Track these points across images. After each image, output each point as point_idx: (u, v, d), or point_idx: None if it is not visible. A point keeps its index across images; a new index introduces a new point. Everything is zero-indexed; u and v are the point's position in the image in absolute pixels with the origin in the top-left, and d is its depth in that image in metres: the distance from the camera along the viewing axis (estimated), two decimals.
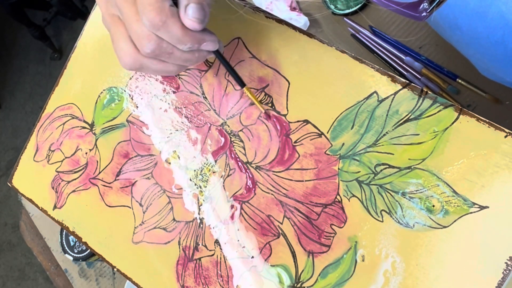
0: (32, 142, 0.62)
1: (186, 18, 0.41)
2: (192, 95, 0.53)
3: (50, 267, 0.74)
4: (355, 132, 0.45)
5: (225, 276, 0.49)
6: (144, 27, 0.41)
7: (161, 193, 0.53)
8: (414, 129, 0.43)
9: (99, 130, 0.57)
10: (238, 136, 0.50)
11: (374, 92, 0.45)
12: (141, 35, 0.41)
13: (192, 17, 0.41)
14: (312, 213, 0.46)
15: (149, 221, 0.53)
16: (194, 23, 0.41)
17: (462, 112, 0.41)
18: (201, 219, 0.51)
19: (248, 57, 0.50)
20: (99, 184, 0.56)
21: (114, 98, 0.57)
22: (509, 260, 0.38)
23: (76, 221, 0.57)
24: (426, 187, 0.42)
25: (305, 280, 0.45)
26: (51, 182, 0.59)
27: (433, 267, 0.41)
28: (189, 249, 0.51)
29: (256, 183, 0.48)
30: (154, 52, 0.42)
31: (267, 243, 0.47)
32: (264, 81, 0.49)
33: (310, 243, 0.45)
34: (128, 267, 0.53)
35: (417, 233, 0.42)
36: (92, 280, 0.72)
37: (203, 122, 0.52)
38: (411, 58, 0.62)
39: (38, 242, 0.76)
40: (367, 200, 0.44)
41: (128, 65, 0.43)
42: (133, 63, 0.43)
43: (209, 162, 0.51)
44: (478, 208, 0.40)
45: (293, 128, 0.48)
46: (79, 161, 0.58)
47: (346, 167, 0.45)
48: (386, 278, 0.42)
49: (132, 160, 0.55)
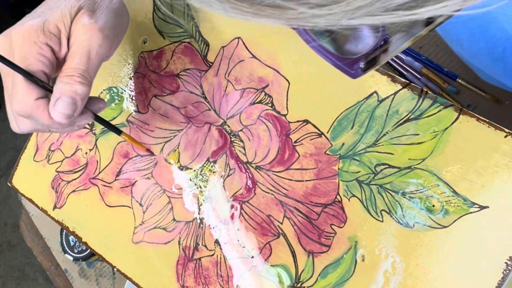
0: (32, 142, 0.62)
1: (53, 111, 0.41)
2: (192, 95, 0.53)
3: (50, 267, 0.74)
4: (355, 132, 0.45)
5: (225, 276, 0.49)
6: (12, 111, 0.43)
7: (161, 193, 0.53)
8: (414, 129, 0.43)
9: (99, 130, 0.57)
10: (238, 136, 0.50)
11: (374, 92, 0.45)
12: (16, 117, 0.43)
13: (59, 112, 0.41)
14: (312, 213, 0.46)
15: (149, 221, 0.53)
16: (60, 117, 0.41)
17: (462, 112, 0.41)
18: (201, 219, 0.50)
19: (248, 57, 0.50)
20: (99, 184, 0.56)
21: (114, 98, 0.57)
22: (509, 260, 0.38)
23: (76, 221, 0.57)
24: (426, 187, 0.42)
25: (305, 280, 0.45)
26: (51, 182, 0.59)
27: (433, 267, 0.41)
28: (189, 249, 0.51)
29: (256, 183, 0.48)
30: (32, 130, 0.44)
31: (267, 243, 0.47)
32: (264, 81, 0.49)
33: (310, 243, 0.45)
34: (128, 267, 0.53)
35: (417, 233, 0.41)
36: (92, 280, 0.72)
37: (203, 122, 0.52)
38: (411, 58, 0.62)
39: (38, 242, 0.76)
40: (367, 200, 0.44)
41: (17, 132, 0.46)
42: (20, 132, 0.45)
43: (209, 162, 0.51)
44: (478, 208, 0.40)
45: (293, 128, 0.48)
46: (79, 161, 0.58)
47: (346, 167, 0.45)
48: (386, 278, 0.42)
49: (132, 160, 0.55)
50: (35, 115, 0.42)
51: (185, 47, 0.53)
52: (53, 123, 0.42)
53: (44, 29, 0.42)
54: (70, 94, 0.41)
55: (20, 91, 0.41)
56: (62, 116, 0.41)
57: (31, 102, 0.41)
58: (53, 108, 0.41)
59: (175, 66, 0.54)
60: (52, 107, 0.41)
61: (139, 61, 0.56)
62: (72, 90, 0.41)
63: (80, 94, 0.42)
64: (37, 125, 0.44)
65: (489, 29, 0.42)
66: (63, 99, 0.41)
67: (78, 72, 0.42)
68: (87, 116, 0.45)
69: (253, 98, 0.49)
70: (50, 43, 0.42)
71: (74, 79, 0.41)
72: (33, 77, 0.41)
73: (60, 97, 0.41)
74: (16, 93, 0.42)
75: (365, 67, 0.25)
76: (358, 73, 0.25)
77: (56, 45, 0.43)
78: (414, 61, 0.61)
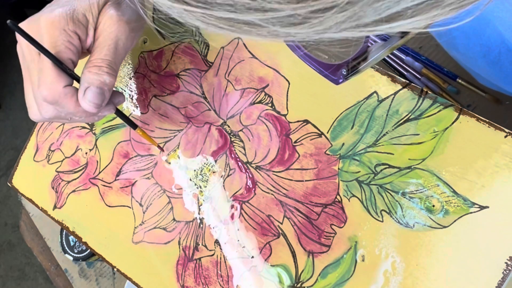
0: (32, 142, 0.62)
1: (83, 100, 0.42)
2: (192, 95, 0.53)
3: (50, 267, 0.74)
4: (355, 132, 0.45)
5: (225, 276, 0.49)
6: (38, 96, 0.42)
7: (161, 193, 0.53)
8: (414, 129, 0.43)
9: (99, 130, 0.57)
10: (238, 136, 0.50)
11: (374, 92, 0.45)
12: (40, 103, 0.43)
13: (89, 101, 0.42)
14: (312, 213, 0.46)
15: (149, 221, 0.53)
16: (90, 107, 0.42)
17: (462, 112, 0.41)
18: (201, 219, 0.50)
19: (248, 57, 0.50)
20: (99, 184, 0.56)
21: None
22: (509, 260, 0.38)
23: (76, 221, 0.57)
24: (426, 187, 0.42)
25: (305, 280, 0.45)
26: (51, 182, 0.59)
27: (433, 267, 0.41)
28: (189, 249, 0.51)
29: (256, 183, 0.48)
30: (53, 118, 0.44)
31: (267, 243, 0.47)
32: (264, 81, 0.49)
33: (310, 243, 0.45)
34: (128, 267, 0.53)
35: (417, 233, 0.41)
36: (92, 280, 0.72)
37: (203, 122, 0.52)
38: (411, 58, 0.62)
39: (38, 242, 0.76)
40: (367, 200, 0.44)
41: (35, 120, 0.46)
42: (38, 120, 0.45)
43: (209, 162, 0.51)
44: (478, 208, 0.40)
45: (293, 128, 0.48)
46: (79, 161, 0.58)
47: (346, 167, 0.45)
48: (386, 278, 0.42)
49: (132, 160, 0.55)
50: (62, 102, 0.42)
51: (185, 47, 0.53)
52: (78, 111, 0.43)
53: (73, 18, 0.42)
54: (99, 84, 0.42)
55: (49, 77, 0.41)
56: (93, 106, 0.42)
57: (60, 89, 0.42)
58: (83, 97, 0.42)
59: (175, 66, 0.54)
60: (82, 97, 0.42)
61: (139, 61, 0.56)
62: (100, 80, 0.42)
63: (108, 85, 0.42)
64: (61, 112, 0.44)
65: (483, 33, 0.42)
66: (92, 89, 0.42)
67: (106, 63, 0.42)
68: (109, 108, 0.46)
69: (253, 98, 0.49)
70: (79, 32, 0.43)
71: (102, 69, 0.42)
72: (62, 65, 0.42)
73: (89, 86, 0.42)
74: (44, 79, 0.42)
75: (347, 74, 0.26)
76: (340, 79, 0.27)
77: (83, 35, 0.43)
78: (414, 61, 0.61)
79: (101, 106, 0.43)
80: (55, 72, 0.41)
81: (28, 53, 0.43)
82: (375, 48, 0.25)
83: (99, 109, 0.43)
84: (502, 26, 0.40)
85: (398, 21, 0.18)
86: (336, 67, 0.27)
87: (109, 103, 0.45)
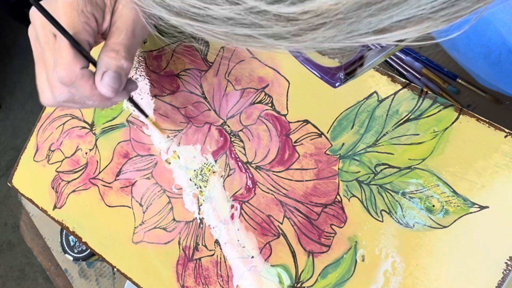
0: (32, 142, 0.62)
1: (101, 84, 0.42)
2: (192, 95, 0.53)
3: (50, 267, 0.74)
4: (355, 132, 0.45)
5: (225, 276, 0.49)
6: (54, 77, 0.42)
7: (161, 193, 0.53)
8: (414, 129, 0.43)
9: (99, 130, 0.57)
10: (238, 136, 0.50)
11: (374, 92, 0.45)
12: (55, 85, 0.42)
13: (107, 85, 0.41)
14: (312, 213, 0.46)
15: (149, 221, 0.53)
16: (108, 91, 0.42)
17: (462, 112, 0.41)
18: (201, 219, 0.50)
19: (248, 57, 0.50)
20: (99, 184, 0.56)
21: None
22: (509, 260, 0.38)
23: (76, 221, 0.57)
24: (426, 187, 0.42)
25: (305, 280, 0.45)
26: (51, 182, 0.59)
27: (433, 267, 0.41)
28: (189, 249, 0.51)
29: (256, 183, 0.48)
30: (66, 101, 0.43)
31: (267, 243, 0.47)
32: (264, 81, 0.49)
33: (310, 243, 0.45)
34: (128, 267, 0.53)
35: (417, 233, 0.41)
36: (92, 280, 0.72)
37: (203, 122, 0.52)
38: (411, 58, 0.62)
39: (38, 242, 0.76)
40: (367, 200, 0.44)
41: (47, 105, 0.45)
42: (51, 104, 0.44)
43: (209, 162, 0.51)
44: (478, 208, 0.40)
45: (293, 128, 0.48)
46: (79, 161, 0.58)
47: (346, 167, 0.45)
48: (386, 278, 0.42)
49: (132, 160, 0.55)
50: (78, 84, 0.42)
51: (185, 47, 0.53)
52: (93, 94, 0.42)
53: (92, 0, 0.42)
54: (116, 68, 0.41)
55: (66, 58, 0.41)
56: (111, 90, 0.42)
57: (77, 70, 0.41)
58: (101, 81, 0.41)
59: (175, 66, 0.54)
60: (99, 81, 0.41)
61: (139, 61, 0.56)
62: (118, 65, 0.41)
63: (126, 69, 0.42)
64: (75, 95, 0.43)
65: (484, 34, 0.42)
66: (110, 73, 0.41)
67: (124, 47, 0.42)
68: (124, 94, 0.45)
69: (253, 98, 0.49)
70: (96, 14, 0.42)
71: (120, 54, 0.42)
72: (80, 46, 0.41)
73: (107, 71, 0.41)
74: (61, 59, 0.41)
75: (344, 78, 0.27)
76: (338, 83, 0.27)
77: (100, 18, 0.43)
78: (414, 61, 0.61)
79: (118, 90, 0.42)
80: (72, 53, 0.41)
81: (43, 34, 0.42)
82: (372, 53, 0.26)
83: (116, 94, 0.42)
84: (502, 27, 0.40)
85: (391, 32, 0.18)
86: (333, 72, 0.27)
87: (123, 90, 0.44)
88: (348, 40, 0.18)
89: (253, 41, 0.19)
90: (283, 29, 0.18)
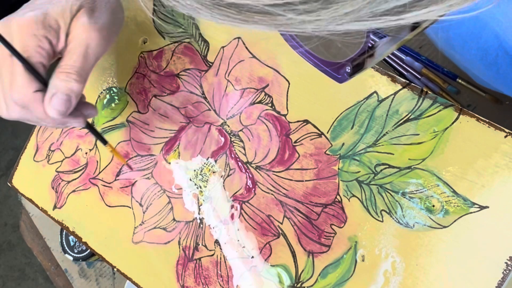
0: (32, 142, 0.62)
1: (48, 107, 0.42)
2: (192, 95, 0.53)
3: (50, 267, 0.74)
4: (355, 132, 0.45)
5: (225, 276, 0.49)
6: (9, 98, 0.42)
7: (161, 193, 0.53)
8: (414, 129, 0.43)
9: (99, 130, 0.57)
10: (238, 136, 0.50)
11: (374, 92, 0.45)
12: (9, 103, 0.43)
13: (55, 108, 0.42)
14: (312, 213, 0.46)
15: (149, 221, 0.53)
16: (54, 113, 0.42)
17: (462, 112, 0.41)
18: (201, 219, 0.50)
19: (248, 57, 0.50)
20: (99, 184, 0.56)
21: (114, 98, 0.57)
22: (509, 260, 0.38)
23: (76, 221, 0.57)
24: (426, 187, 0.42)
25: (305, 280, 0.45)
26: (51, 182, 0.59)
27: (433, 267, 0.41)
28: (189, 249, 0.51)
29: (256, 183, 0.48)
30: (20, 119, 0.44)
31: (267, 243, 0.47)
32: (264, 81, 0.49)
33: (310, 243, 0.45)
34: (128, 267, 0.53)
35: (417, 233, 0.41)
36: (92, 280, 0.72)
37: (203, 122, 0.52)
38: (411, 58, 0.62)
39: (38, 242, 0.76)
40: (367, 200, 0.44)
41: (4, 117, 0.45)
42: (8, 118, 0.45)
43: (209, 162, 0.51)
44: (478, 208, 0.40)
45: (293, 128, 0.48)
46: (79, 161, 0.58)
47: (346, 167, 0.45)
48: (386, 278, 0.42)
49: (132, 160, 0.55)
50: (31, 106, 0.42)
51: (185, 47, 0.53)
52: (46, 117, 0.43)
53: (44, 22, 0.43)
54: (66, 91, 0.42)
55: (20, 81, 0.42)
56: (56, 112, 0.42)
57: (30, 94, 0.42)
58: (49, 104, 0.42)
59: (175, 66, 0.54)
60: (47, 103, 0.42)
61: (139, 61, 0.56)
62: (68, 87, 0.42)
63: (75, 92, 0.42)
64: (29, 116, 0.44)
65: (480, 36, 0.42)
66: (59, 96, 0.42)
67: (75, 69, 0.42)
68: (79, 120, 0.45)
69: (253, 98, 0.49)
70: (49, 37, 0.43)
71: (70, 76, 0.42)
72: (34, 70, 0.42)
73: (56, 93, 0.42)
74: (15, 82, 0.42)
75: (352, 72, 0.25)
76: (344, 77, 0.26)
77: (54, 39, 0.43)
78: (414, 61, 0.61)
79: (65, 113, 0.42)
80: (26, 77, 0.42)
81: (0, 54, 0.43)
82: (382, 43, 0.24)
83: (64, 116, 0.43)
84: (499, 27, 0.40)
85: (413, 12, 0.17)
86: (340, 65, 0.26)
87: (79, 115, 0.45)
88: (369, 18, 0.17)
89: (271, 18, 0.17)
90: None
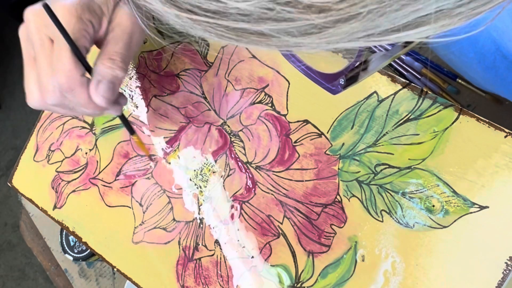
0: (32, 142, 0.62)
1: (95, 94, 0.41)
2: (192, 95, 0.53)
3: (50, 267, 0.74)
4: (355, 132, 0.45)
5: (225, 276, 0.49)
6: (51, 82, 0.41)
7: (161, 193, 0.53)
8: (414, 129, 0.43)
9: (99, 130, 0.57)
10: (238, 136, 0.50)
11: (374, 92, 0.45)
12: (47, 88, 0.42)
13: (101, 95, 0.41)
14: (312, 213, 0.46)
15: (149, 221, 0.53)
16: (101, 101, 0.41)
17: (462, 112, 0.41)
18: (201, 219, 0.50)
19: (248, 57, 0.50)
20: (99, 184, 0.56)
21: None
22: (509, 260, 0.38)
23: (76, 221, 0.57)
24: (426, 187, 0.42)
25: (305, 280, 0.45)
26: (51, 182, 0.59)
27: (433, 267, 0.41)
28: (189, 249, 0.51)
29: (256, 183, 0.48)
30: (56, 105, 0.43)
31: (267, 243, 0.47)
32: (264, 81, 0.49)
33: (310, 243, 0.45)
34: (128, 267, 0.53)
35: (417, 233, 0.41)
36: (92, 280, 0.72)
37: (203, 122, 0.52)
38: (411, 58, 0.62)
39: (38, 242, 0.76)
40: (367, 200, 0.44)
41: (34, 107, 0.44)
42: (38, 106, 0.44)
43: (209, 162, 0.51)
44: (478, 208, 0.40)
45: (293, 128, 0.48)
46: (79, 161, 0.58)
47: (346, 167, 0.45)
48: (386, 278, 0.42)
49: (132, 160, 0.55)
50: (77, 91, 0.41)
51: (185, 47, 0.53)
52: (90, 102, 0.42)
53: (90, 7, 0.42)
54: (111, 78, 0.41)
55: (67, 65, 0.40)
56: (104, 100, 0.41)
57: (78, 78, 0.41)
58: (96, 90, 0.41)
59: (175, 66, 0.54)
60: (94, 89, 0.41)
61: (139, 61, 0.56)
62: (113, 74, 0.41)
63: (120, 79, 0.42)
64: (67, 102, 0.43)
65: (477, 41, 0.42)
66: (105, 83, 0.41)
67: (120, 56, 0.42)
68: (117, 108, 0.45)
69: (253, 98, 0.49)
70: (94, 22, 0.42)
71: (116, 63, 0.41)
72: (81, 53, 0.41)
73: (102, 80, 0.41)
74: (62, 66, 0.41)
75: (345, 84, 0.26)
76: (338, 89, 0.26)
77: (97, 25, 0.43)
78: (414, 61, 0.61)
79: (111, 101, 0.42)
80: (73, 60, 0.41)
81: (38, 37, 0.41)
82: (375, 58, 0.25)
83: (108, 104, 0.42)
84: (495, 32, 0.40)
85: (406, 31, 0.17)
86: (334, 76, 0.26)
87: (116, 103, 0.45)
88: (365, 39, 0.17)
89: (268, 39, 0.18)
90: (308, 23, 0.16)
